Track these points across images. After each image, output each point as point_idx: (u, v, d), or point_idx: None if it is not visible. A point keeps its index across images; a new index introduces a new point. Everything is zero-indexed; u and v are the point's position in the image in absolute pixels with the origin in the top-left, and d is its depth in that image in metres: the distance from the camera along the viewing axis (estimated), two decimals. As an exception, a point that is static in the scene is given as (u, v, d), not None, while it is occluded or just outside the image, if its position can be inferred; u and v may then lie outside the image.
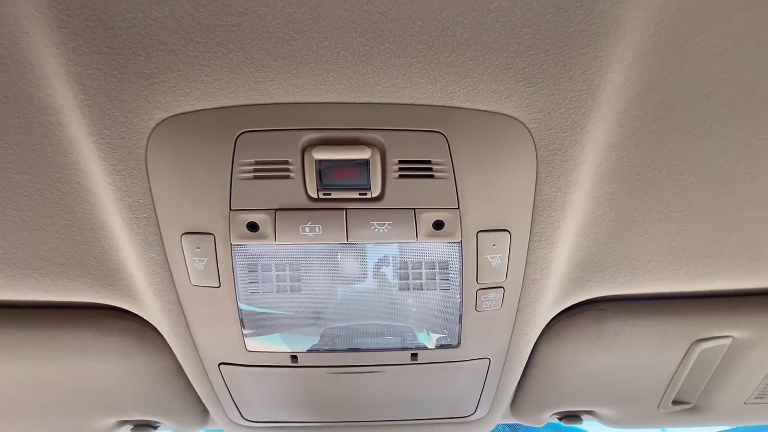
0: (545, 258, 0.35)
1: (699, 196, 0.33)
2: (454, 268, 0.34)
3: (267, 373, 0.42)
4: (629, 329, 0.41)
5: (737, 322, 0.41)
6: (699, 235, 0.35)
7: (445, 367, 0.42)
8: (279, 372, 0.42)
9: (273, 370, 0.41)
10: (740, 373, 0.45)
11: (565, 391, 0.49)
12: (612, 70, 0.27)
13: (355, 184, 0.29)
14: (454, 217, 0.31)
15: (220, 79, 0.26)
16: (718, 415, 0.50)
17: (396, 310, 0.37)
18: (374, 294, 0.35)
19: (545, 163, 0.30)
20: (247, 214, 0.30)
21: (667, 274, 0.38)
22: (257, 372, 0.43)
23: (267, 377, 0.42)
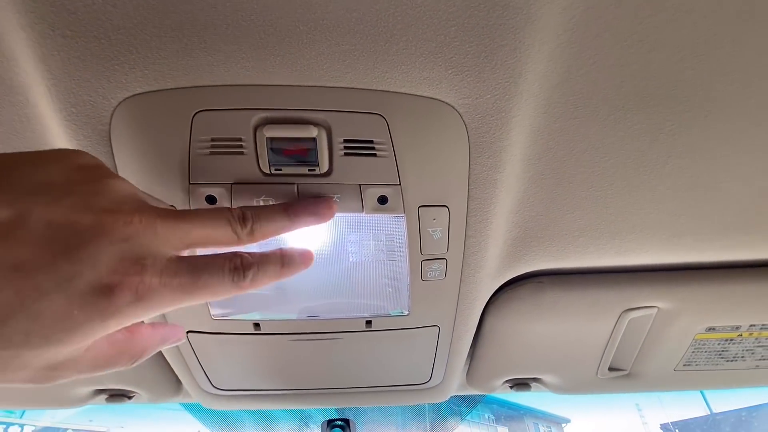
0: (482, 232, 0.38)
1: (618, 176, 0.37)
2: (400, 241, 0.37)
3: (232, 341, 0.45)
4: (565, 300, 0.45)
5: (660, 293, 0.45)
6: (620, 212, 0.39)
7: (398, 334, 0.46)
8: (244, 339, 0.45)
9: (238, 337, 0.44)
10: (667, 341, 0.49)
11: (512, 359, 0.53)
12: (531, 61, 0.30)
13: (304, 160, 0.32)
14: (396, 192, 0.34)
15: (176, 61, 0.28)
16: (651, 381, 0.55)
17: (349, 279, 0.40)
18: (328, 264, 0.39)
19: (476, 144, 0.33)
20: (205, 188, 0.33)
21: (594, 248, 0.42)
22: (223, 340, 0.46)
23: (233, 345, 0.45)
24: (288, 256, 0.28)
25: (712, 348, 0.50)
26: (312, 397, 0.57)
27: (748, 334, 0.48)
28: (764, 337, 0.49)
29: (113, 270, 0.19)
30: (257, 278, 0.25)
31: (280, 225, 0.27)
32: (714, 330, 0.48)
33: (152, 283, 0.20)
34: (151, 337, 0.25)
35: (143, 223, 0.21)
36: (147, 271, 0.20)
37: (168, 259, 0.21)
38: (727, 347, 0.50)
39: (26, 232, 0.18)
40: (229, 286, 0.23)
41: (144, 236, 0.21)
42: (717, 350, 0.50)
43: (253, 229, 0.25)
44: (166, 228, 0.22)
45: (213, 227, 0.24)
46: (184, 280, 0.22)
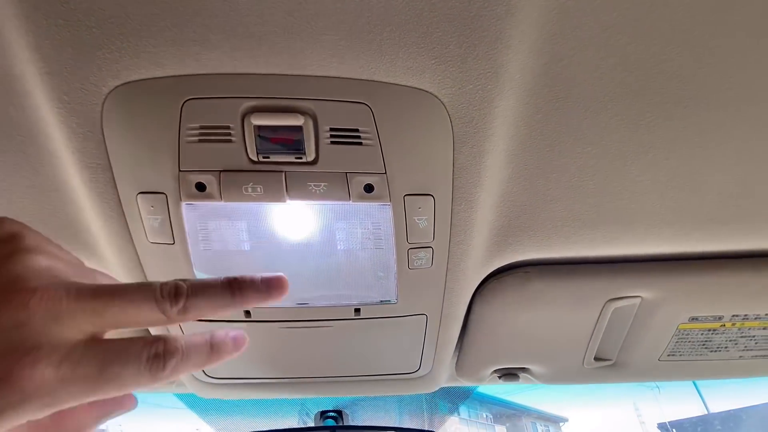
0: (467, 221, 0.39)
1: (600, 167, 0.38)
2: (386, 229, 0.38)
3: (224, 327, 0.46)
4: (550, 290, 0.46)
5: (644, 283, 0.46)
6: (602, 202, 0.40)
7: (386, 322, 0.47)
8: (234, 326, 0.46)
9: (229, 324, 0.45)
10: (651, 331, 0.50)
11: (500, 349, 0.54)
12: (513, 52, 0.31)
13: (291, 148, 0.33)
14: (382, 181, 0.35)
15: (165, 50, 0.29)
16: (636, 371, 0.56)
17: (337, 267, 0.41)
18: (317, 252, 0.39)
19: (460, 134, 0.34)
20: (194, 175, 0.34)
21: (578, 238, 0.42)
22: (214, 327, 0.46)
23: None
24: (218, 343, 0.23)
25: (696, 338, 0.51)
26: (304, 386, 0.58)
27: (730, 325, 0.49)
28: (747, 327, 0.50)
29: (10, 346, 0.17)
30: (179, 367, 0.20)
31: (220, 303, 0.22)
32: (697, 320, 0.49)
33: (44, 378, 0.17)
34: (87, 414, 0.21)
35: (43, 305, 0.18)
36: (39, 363, 0.17)
37: (69, 345, 0.18)
38: (711, 337, 0.51)
39: None
40: (145, 377, 0.19)
41: (41, 320, 0.18)
42: (700, 340, 0.51)
43: (186, 306, 0.21)
44: (73, 309, 0.18)
45: (136, 305, 0.20)
46: (89, 371, 0.18)
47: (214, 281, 0.22)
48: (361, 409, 1.50)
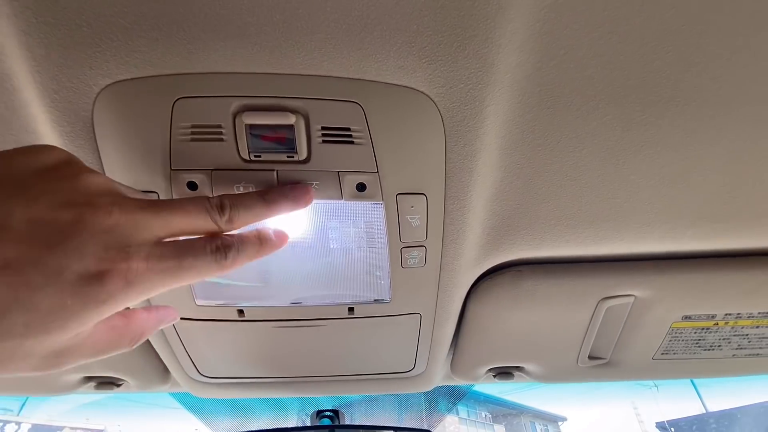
0: (460, 220, 0.39)
1: (592, 166, 0.38)
2: (379, 228, 0.38)
3: (218, 328, 0.46)
4: (544, 288, 0.46)
5: (637, 282, 0.46)
6: (595, 201, 0.40)
7: (380, 322, 0.47)
8: (228, 326, 0.46)
9: (223, 324, 0.45)
10: (645, 330, 0.50)
11: (495, 347, 0.54)
12: (504, 51, 0.31)
13: (283, 147, 0.33)
14: (374, 180, 0.35)
15: (156, 49, 0.29)
16: (630, 370, 0.56)
17: (330, 266, 0.41)
18: (310, 251, 0.39)
19: (452, 133, 0.34)
20: (186, 174, 0.34)
21: (571, 237, 0.43)
22: (208, 326, 0.46)
23: (218, 331, 0.46)
24: (264, 236, 0.29)
25: (689, 337, 0.51)
26: (299, 386, 0.58)
27: (723, 323, 0.50)
28: (740, 326, 0.50)
29: (100, 259, 0.20)
30: (238, 258, 0.26)
31: (258, 211, 0.28)
32: (690, 318, 0.49)
33: (139, 268, 0.21)
34: (148, 319, 0.26)
35: (123, 214, 0.22)
36: (133, 257, 0.21)
37: (151, 245, 0.22)
38: (704, 336, 0.51)
39: (10, 232, 0.19)
40: (212, 266, 0.24)
41: (125, 226, 0.21)
42: (694, 339, 0.51)
43: (231, 217, 0.26)
44: (145, 217, 0.22)
45: (192, 216, 0.24)
46: (170, 263, 0.22)
47: (251, 194, 0.28)
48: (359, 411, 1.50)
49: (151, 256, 0.22)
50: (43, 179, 0.21)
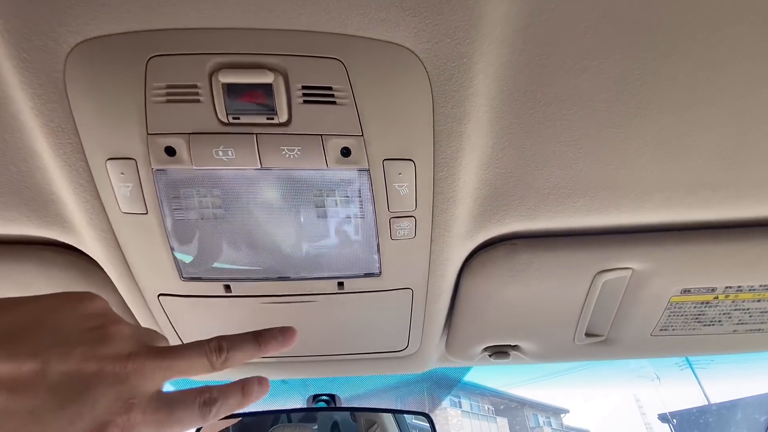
0: (451, 188, 0.38)
1: (586, 131, 0.37)
2: (366, 197, 0.37)
3: (204, 304, 0.45)
4: (538, 262, 0.45)
5: (634, 254, 0.45)
6: (590, 168, 0.39)
7: (371, 297, 0.46)
8: (215, 302, 0.45)
9: (209, 300, 0.44)
10: (643, 305, 0.49)
11: (490, 325, 0.53)
12: (491, 2, 0.29)
13: (262, 108, 0.32)
14: (359, 144, 0.34)
15: (128, 3, 0.28)
16: (628, 347, 0.55)
17: (318, 238, 0.40)
18: (295, 222, 0.38)
19: (439, 93, 0.33)
20: (163, 138, 0.33)
21: (566, 207, 0.41)
22: (195, 302, 0.46)
23: (205, 308, 0.45)
24: (248, 389, 0.32)
25: (689, 312, 0.50)
26: (290, 366, 0.57)
27: (724, 297, 0.48)
28: (740, 299, 0.49)
29: (107, 410, 0.24)
30: (221, 410, 0.29)
31: (250, 352, 0.32)
32: (689, 292, 0.48)
33: (136, 420, 0.25)
34: None
35: (135, 366, 0.25)
36: (133, 409, 0.25)
37: (150, 396, 0.26)
38: (704, 311, 0.50)
39: (44, 381, 0.22)
40: (197, 419, 0.28)
41: (134, 377, 0.25)
42: (693, 314, 0.50)
43: (226, 359, 0.29)
44: (152, 367, 0.26)
45: (192, 361, 0.28)
46: (161, 416, 0.26)
47: (245, 336, 0.31)
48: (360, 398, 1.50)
49: (148, 407, 0.25)
50: (80, 329, 0.25)
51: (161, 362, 0.27)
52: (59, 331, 0.25)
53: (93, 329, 0.26)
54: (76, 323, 0.26)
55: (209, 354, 0.29)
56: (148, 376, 0.26)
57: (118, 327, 0.27)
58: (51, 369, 0.23)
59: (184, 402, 0.27)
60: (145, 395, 0.26)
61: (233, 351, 0.30)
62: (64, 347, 0.24)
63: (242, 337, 0.32)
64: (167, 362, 0.27)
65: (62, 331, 0.25)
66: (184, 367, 0.28)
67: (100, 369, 0.24)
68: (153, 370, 0.26)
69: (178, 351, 0.28)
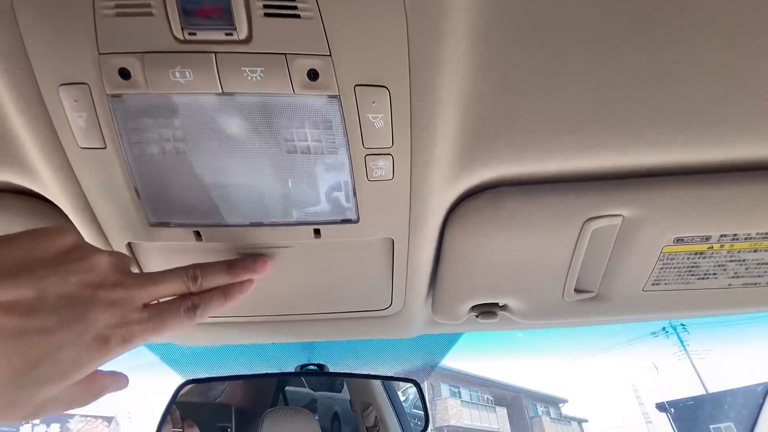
0: (429, 123, 0.36)
1: (575, 56, 0.34)
2: (338, 128, 0.35)
3: (174, 252, 0.43)
4: (525, 209, 0.43)
5: (625, 200, 0.43)
6: (579, 100, 0.36)
7: (349, 245, 0.44)
8: (186, 252, 0.43)
9: (180, 247, 0.42)
10: (635, 256, 0.47)
11: (475, 280, 0.51)
12: None
13: (220, 22, 0.29)
14: (328, 65, 0.31)
15: None
16: (619, 304, 0.53)
17: (287, 176, 0.37)
18: (262, 157, 0.36)
19: (413, 8, 0.30)
20: (116, 58, 0.30)
21: (553, 145, 0.39)
22: (165, 253, 0.44)
23: (176, 257, 0.43)
24: (229, 291, 0.38)
25: (682, 263, 0.48)
26: (267, 327, 0.56)
27: (719, 246, 0.46)
28: (736, 249, 0.47)
29: (108, 325, 0.29)
30: (205, 312, 0.35)
31: (222, 279, 0.38)
32: (683, 241, 0.46)
33: (134, 330, 0.30)
34: (106, 379, 0.33)
35: (123, 291, 0.31)
36: (129, 323, 0.30)
37: (141, 310, 0.32)
38: (698, 262, 0.48)
39: (46, 305, 0.27)
40: (185, 321, 0.34)
41: (125, 299, 0.31)
42: (687, 266, 0.48)
43: (201, 284, 0.36)
44: (139, 290, 0.32)
45: (172, 284, 0.34)
46: (154, 323, 0.32)
47: (219, 264, 0.38)
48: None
49: (141, 319, 0.31)
50: (65, 262, 0.29)
51: (146, 287, 0.32)
52: (47, 263, 0.28)
53: (77, 260, 0.29)
54: (60, 256, 0.29)
55: (186, 280, 0.35)
56: (135, 297, 0.31)
57: (100, 257, 0.31)
58: (50, 295, 0.27)
59: (170, 310, 0.33)
60: (136, 310, 0.31)
61: (207, 278, 0.36)
62: (57, 277, 0.28)
63: (216, 264, 0.38)
64: (151, 287, 0.33)
65: (50, 264, 0.28)
66: (165, 290, 0.34)
67: (93, 294, 0.29)
68: (140, 293, 0.32)
69: (159, 277, 0.34)
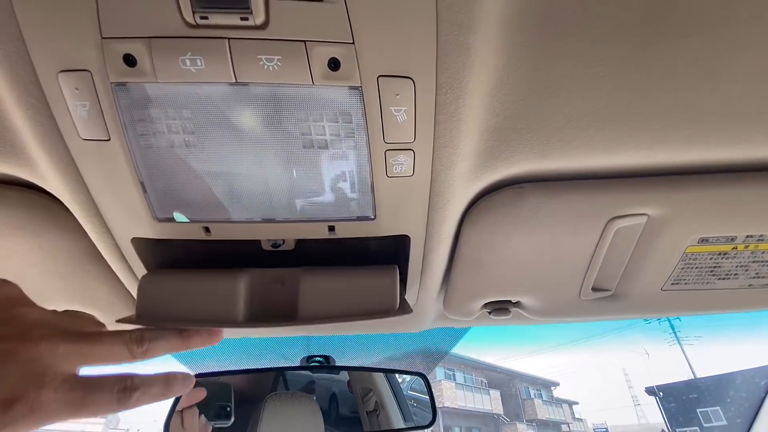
0: (455, 117, 0.34)
1: (610, 50, 0.32)
2: (358, 122, 0.33)
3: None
4: (547, 207, 0.41)
5: (651, 199, 0.41)
6: (611, 95, 0.34)
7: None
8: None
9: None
10: (656, 255, 0.46)
11: (490, 277, 0.50)
12: None
13: (235, 5, 0.27)
14: (350, 54, 0.29)
15: None
16: (637, 303, 0.52)
17: (303, 171, 0.35)
18: (277, 152, 0.34)
19: None
20: (120, 44, 0.28)
21: (581, 141, 0.37)
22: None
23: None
24: (172, 379, 0.31)
25: (704, 263, 0.47)
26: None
27: (743, 247, 0.45)
28: (761, 250, 0.46)
29: (15, 386, 0.24)
30: (141, 399, 0.29)
31: (173, 345, 0.32)
32: (707, 242, 0.44)
33: (47, 398, 0.25)
34: None
35: (48, 345, 0.26)
36: (45, 386, 0.25)
37: (64, 377, 0.26)
38: (720, 263, 0.47)
39: None
40: (114, 405, 0.28)
41: (48, 357, 0.26)
42: (709, 266, 0.47)
43: (147, 349, 0.30)
44: (68, 349, 0.27)
45: (112, 348, 0.29)
46: (75, 396, 0.26)
47: (170, 330, 0.33)
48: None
49: (60, 387, 0.25)
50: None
51: (78, 346, 0.27)
52: None
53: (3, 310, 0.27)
54: None
55: (130, 342, 0.29)
56: (61, 357, 0.26)
57: (30, 310, 0.28)
58: None
59: (101, 386, 0.27)
60: (58, 376, 0.26)
61: (154, 342, 0.31)
62: None
63: (167, 330, 0.33)
64: (85, 347, 0.27)
65: None
66: (104, 353, 0.28)
67: (10, 347, 0.25)
68: (68, 353, 0.27)
69: (97, 336, 0.29)
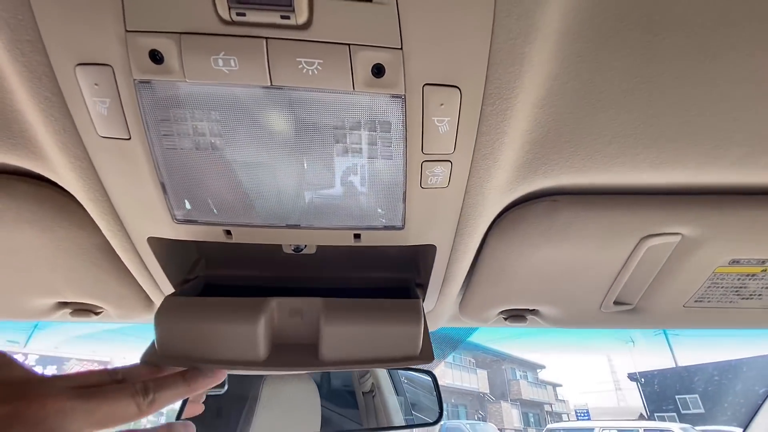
0: (499, 128, 0.31)
1: (672, 64, 0.30)
2: (397, 132, 0.31)
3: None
4: (580, 222, 0.40)
5: (687, 218, 0.40)
6: (665, 113, 0.32)
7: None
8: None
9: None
10: (684, 274, 0.45)
11: (512, 287, 0.49)
12: None
13: (275, 3, 0.24)
14: (397, 61, 0.27)
15: None
16: (655, 317, 0.52)
17: (334, 180, 0.34)
18: (309, 158, 0.32)
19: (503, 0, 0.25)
20: (146, 38, 0.25)
21: (626, 159, 0.35)
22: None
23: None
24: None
25: (730, 284, 0.46)
26: None
27: (773, 270, 0.44)
28: (789, 273, 0.45)
29: None
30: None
31: (179, 391, 0.32)
32: (738, 263, 0.44)
33: None
34: None
35: (54, 405, 0.26)
36: None
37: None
38: (746, 283, 0.46)
39: None
40: None
41: (55, 417, 0.25)
42: (734, 286, 0.46)
43: (154, 399, 0.30)
44: (73, 408, 0.26)
45: (118, 404, 0.28)
46: None
47: (174, 375, 0.32)
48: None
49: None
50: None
51: (84, 404, 0.27)
52: None
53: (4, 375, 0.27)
54: None
55: (135, 395, 0.29)
56: (69, 417, 0.26)
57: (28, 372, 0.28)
58: None
59: None
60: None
61: (161, 391, 0.30)
62: None
63: (171, 376, 0.32)
64: (90, 405, 0.27)
65: None
66: (109, 411, 0.28)
67: (15, 410, 0.25)
68: (74, 412, 0.26)
69: (101, 393, 0.28)
